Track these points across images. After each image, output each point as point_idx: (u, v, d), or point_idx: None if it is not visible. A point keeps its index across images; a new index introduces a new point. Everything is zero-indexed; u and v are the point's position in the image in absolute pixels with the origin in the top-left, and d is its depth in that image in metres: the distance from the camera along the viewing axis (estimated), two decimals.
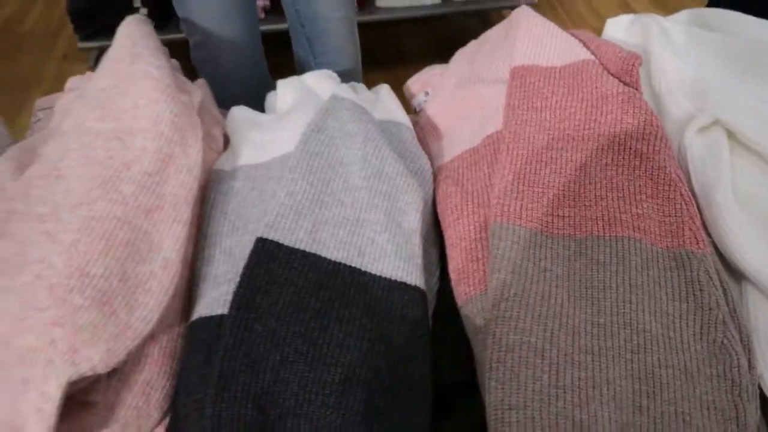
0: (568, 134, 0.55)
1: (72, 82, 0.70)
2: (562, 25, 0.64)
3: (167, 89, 0.54)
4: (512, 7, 1.95)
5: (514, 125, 0.56)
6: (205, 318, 0.47)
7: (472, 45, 0.71)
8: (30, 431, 0.39)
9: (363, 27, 1.01)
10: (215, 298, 0.48)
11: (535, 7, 1.93)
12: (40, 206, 0.47)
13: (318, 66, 0.90)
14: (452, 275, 0.51)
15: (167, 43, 0.66)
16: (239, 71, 0.90)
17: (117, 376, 0.45)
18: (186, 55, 0.69)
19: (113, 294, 0.43)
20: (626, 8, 2.16)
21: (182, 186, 0.51)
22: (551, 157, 0.53)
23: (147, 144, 0.51)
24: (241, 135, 0.60)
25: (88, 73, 0.72)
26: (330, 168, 0.54)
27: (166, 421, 0.46)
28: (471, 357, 0.47)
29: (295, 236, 0.50)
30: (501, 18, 2.14)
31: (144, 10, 1.68)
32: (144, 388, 0.46)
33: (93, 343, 0.41)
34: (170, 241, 0.48)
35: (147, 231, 0.47)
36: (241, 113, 0.64)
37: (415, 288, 0.50)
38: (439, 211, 0.56)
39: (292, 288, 0.47)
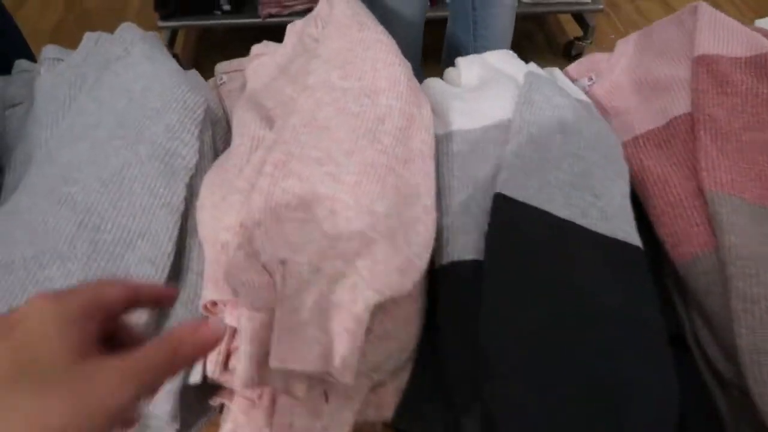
0: (763, 119, 0.59)
1: (257, 48, 0.74)
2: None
3: (398, 54, 0.59)
4: (573, 12, 2.01)
5: (707, 108, 0.61)
6: (458, 262, 0.51)
7: (634, 36, 0.76)
8: (340, 349, 0.43)
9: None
10: (464, 244, 0.52)
11: (594, 13, 1.98)
12: (314, 151, 0.51)
13: (476, 49, 0.95)
14: (667, 239, 0.55)
15: (244, 27, 0.70)
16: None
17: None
18: (260, 41, 0.73)
19: (396, 231, 0.47)
20: (669, 10, 2.23)
21: (424, 142, 0.55)
22: (751, 139, 0.58)
23: (392, 102, 0.55)
24: (444, 103, 0.64)
25: (269, 42, 0.76)
26: (546, 135, 0.58)
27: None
28: None
29: (526, 192, 0.54)
30: (558, 23, 2.21)
31: None
32: (400, 320, 0.50)
33: (388, 274, 0.45)
34: (425, 189, 0.52)
35: (407, 179, 0.52)
36: (435, 83, 0.68)
37: (637, 248, 0.54)
38: (636, 181, 0.61)
39: (530, 238, 0.51)
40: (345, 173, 0.49)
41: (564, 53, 2.08)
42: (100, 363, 0.24)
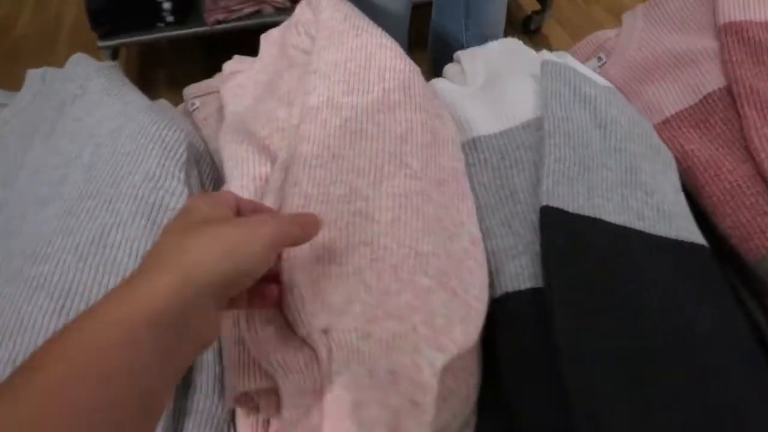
0: None
1: (230, 65, 0.65)
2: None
3: (404, 56, 0.51)
4: None
5: (747, 80, 0.55)
6: (513, 293, 0.44)
7: (640, 9, 0.70)
8: (409, 426, 0.36)
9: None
10: (516, 272, 0.45)
11: None
12: (334, 187, 0.43)
13: (469, 39, 0.87)
14: (732, 232, 0.49)
15: (190, 38, 0.62)
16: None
17: None
18: (207, 51, 0.65)
19: (447, 272, 0.40)
20: None
21: (453, 158, 0.48)
22: None
23: (411, 116, 0.48)
24: (458, 107, 0.57)
25: (242, 57, 0.67)
26: (583, 131, 0.52)
27: None
28: None
29: (575, 202, 0.47)
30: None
31: (168, 5, 1.60)
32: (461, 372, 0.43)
33: (449, 327, 0.38)
34: (467, 215, 0.45)
35: (445, 205, 0.44)
36: (442, 84, 0.61)
37: (703, 247, 0.48)
38: (680, 170, 0.55)
39: (592, 255, 0.45)
40: (377, 209, 0.41)
41: (523, 28, 2.03)
42: (251, 217, 0.36)
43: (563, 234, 0.46)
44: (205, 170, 0.55)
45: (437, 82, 0.62)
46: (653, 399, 0.39)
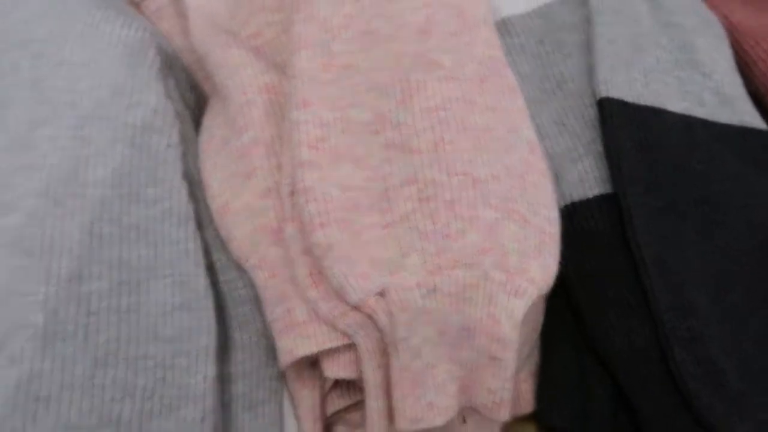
0: None
1: None
2: None
3: None
4: None
5: None
6: (580, 202, 0.39)
7: None
8: (487, 383, 0.32)
9: None
10: (580, 177, 0.39)
11: None
12: (353, 111, 0.35)
13: None
14: None
15: None
16: None
17: None
18: None
19: (512, 196, 0.33)
20: None
21: (488, 44, 0.40)
22: None
23: None
24: None
25: None
26: (631, 5, 0.44)
27: None
28: None
29: (635, 91, 0.41)
30: None
31: None
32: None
33: (525, 265, 0.32)
34: (519, 116, 0.38)
35: (492, 108, 0.37)
36: None
37: (766, 132, 0.44)
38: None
39: (663, 151, 0.40)
40: (413, 136, 0.33)
41: None
42: None
43: (628, 130, 0.40)
44: (181, 78, 0.45)
45: None
46: (746, 306, 0.36)
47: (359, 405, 0.34)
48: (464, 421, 0.36)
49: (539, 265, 0.33)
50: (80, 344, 0.30)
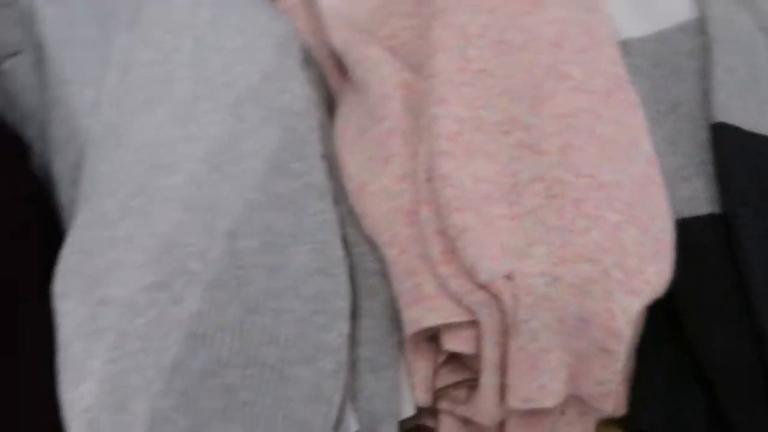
0: None
1: None
2: None
3: None
4: None
5: None
6: (689, 219, 0.40)
7: None
8: (597, 373, 0.33)
9: None
10: (691, 195, 0.41)
11: None
12: (486, 112, 0.38)
13: None
14: None
15: None
16: None
17: None
18: None
19: (633, 203, 0.36)
20: None
21: (613, 62, 0.42)
22: None
23: (561, 13, 0.42)
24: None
25: None
26: (748, 35, 0.46)
27: None
28: None
29: (749, 119, 0.43)
30: None
31: None
32: None
33: (642, 267, 0.34)
34: (640, 130, 0.40)
35: (617, 121, 0.39)
36: None
37: None
38: None
39: None
40: (543, 139, 0.36)
41: None
42: None
43: (741, 155, 0.41)
44: (315, 72, 0.49)
45: None
46: None
47: (465, 383, 0.37)
48: (563, 412, 0.38)
49: (655, 270, 0.35)
50: (233, 292, 0.34)
